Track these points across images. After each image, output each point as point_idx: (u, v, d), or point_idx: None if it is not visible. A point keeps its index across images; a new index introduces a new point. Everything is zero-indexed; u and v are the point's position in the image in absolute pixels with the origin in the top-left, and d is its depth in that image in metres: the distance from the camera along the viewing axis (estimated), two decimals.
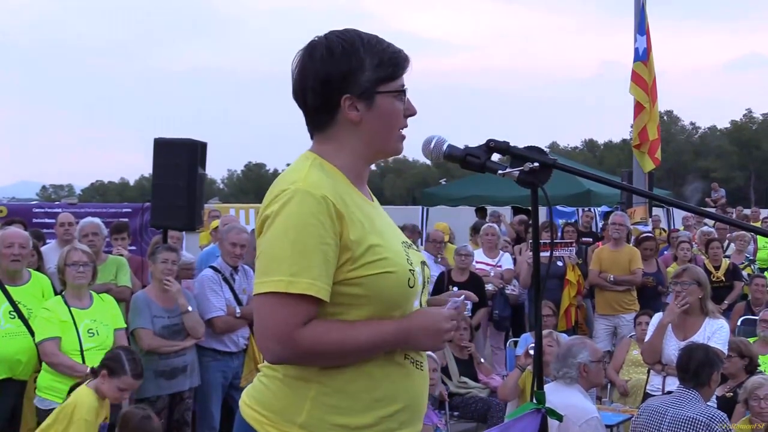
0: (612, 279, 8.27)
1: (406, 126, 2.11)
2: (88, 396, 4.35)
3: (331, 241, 1.90)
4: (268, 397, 2.00)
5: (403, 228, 3.41)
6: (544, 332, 5.19)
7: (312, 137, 2.10)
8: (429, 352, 2.37)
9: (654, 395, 5.35)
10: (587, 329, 9.00)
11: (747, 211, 17.72)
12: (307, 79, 2.02)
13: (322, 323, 1.90)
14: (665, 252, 10.41)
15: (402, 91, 2.05)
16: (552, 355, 4.75)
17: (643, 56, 11.58)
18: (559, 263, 8.64)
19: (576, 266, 8.84)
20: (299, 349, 1.88)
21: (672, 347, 5.42)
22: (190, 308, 5.60)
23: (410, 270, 2.00)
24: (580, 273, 8.85)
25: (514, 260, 9.24)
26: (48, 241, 8.08)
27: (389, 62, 2.03)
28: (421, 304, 2.08)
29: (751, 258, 11.53)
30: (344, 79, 1.99)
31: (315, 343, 1.88)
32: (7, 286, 5.19)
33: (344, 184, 2.02)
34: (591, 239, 10.95)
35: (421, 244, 9.91)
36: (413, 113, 2.10)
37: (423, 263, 2.13)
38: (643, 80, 11.53)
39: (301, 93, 2.04)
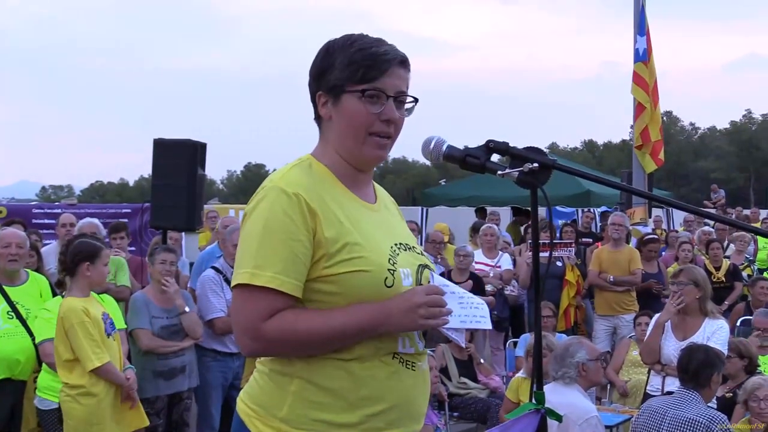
0: (612, 279, 8.27)
1: (381, 131, 2.02)
2: (66, 303, 4.44)
3: (303, 238, 1.92)
4: (256, 391, 2.04)
5: None
6: None
7: None
8: (429, 352, 2.36)
9: (654, 395, 5.35)
10: (586, 330, 9.00)
11: (747, 212, 17.70)
12: (310, 76, 2.12)
13: (292, 312, 1.92)
14: (663, 253, 10.41)
15: (363, 92, 1.98)
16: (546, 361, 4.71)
17: (643, 57, 11.54)
18: (558, 263, 8.66)
19: (575, 266, 8.85)
20: (265, 340, 1.91)
21: (671, 347, 5.42)
22: (187, 309, 5.61)
23: (390, 270, 1.98)
24: (579, 273, 8.86)
25: (514, 261, 9.24)
26: (46, 241, 8.09)
27: (362, 63, 1.99)
28: None
29: (751, 258, 11.53)
30: (319, 78, 2.06)
31: (281, 333, 1.90)
32: (4, 287, 5.20)
33: (329, 183, 2.04)
34: (590, 240, 10.94)
35: (421, 245, 9.89)
36: (388, 117, 2.01)
37: (423, 266, 2.11)
38: (644, 81, 11.49)
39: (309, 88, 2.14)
